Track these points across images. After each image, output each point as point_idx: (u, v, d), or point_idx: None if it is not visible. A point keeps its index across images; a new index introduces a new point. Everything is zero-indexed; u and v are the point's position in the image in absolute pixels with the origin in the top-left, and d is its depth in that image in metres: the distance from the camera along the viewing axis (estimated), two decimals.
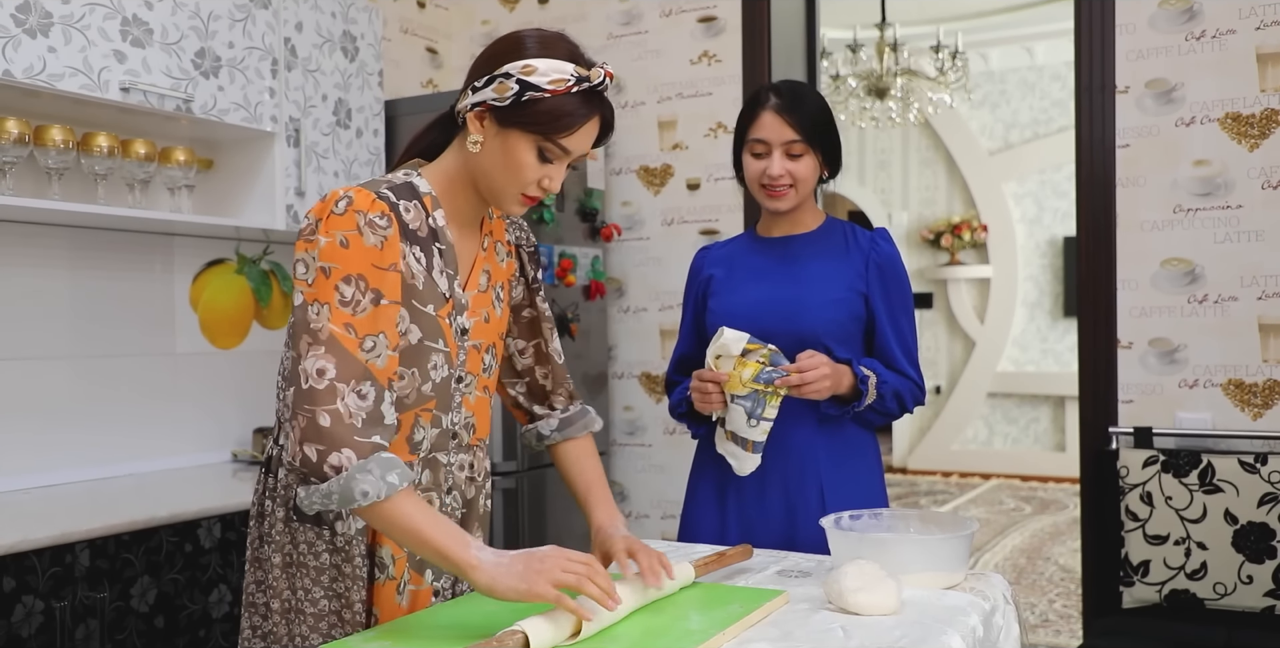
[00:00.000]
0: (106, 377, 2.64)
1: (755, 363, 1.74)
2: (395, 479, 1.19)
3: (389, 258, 1.27)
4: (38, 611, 1.91)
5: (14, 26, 2.10)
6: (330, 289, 1.23)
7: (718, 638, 1.21)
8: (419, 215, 1.34)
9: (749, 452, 1.78)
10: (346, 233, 1.24)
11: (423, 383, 1.35)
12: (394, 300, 1.27)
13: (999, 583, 1.53)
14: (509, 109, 1.30)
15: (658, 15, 3.59)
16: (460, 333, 1.39)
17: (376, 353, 1.24)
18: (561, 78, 1.29)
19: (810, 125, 1.82)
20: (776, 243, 1.94)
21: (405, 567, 1.40)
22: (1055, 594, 4.63)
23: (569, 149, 1.33)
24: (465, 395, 1.43)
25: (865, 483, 1.90)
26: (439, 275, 1.36)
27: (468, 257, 1.43)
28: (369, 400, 1.22)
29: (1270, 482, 2.57)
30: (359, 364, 1.22)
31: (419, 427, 1.37)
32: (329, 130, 2.84)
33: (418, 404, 1.36)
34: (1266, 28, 2.76)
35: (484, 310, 1.44)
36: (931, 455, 8.29)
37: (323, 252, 1.24)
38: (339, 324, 1.22)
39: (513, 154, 1.32)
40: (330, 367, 1.21)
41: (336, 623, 1.36)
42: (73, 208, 2.28)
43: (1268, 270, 2.76)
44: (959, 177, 8.24)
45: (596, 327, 3.48)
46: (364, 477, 1.18)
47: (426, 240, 1.35)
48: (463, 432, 1.45)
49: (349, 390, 1.21)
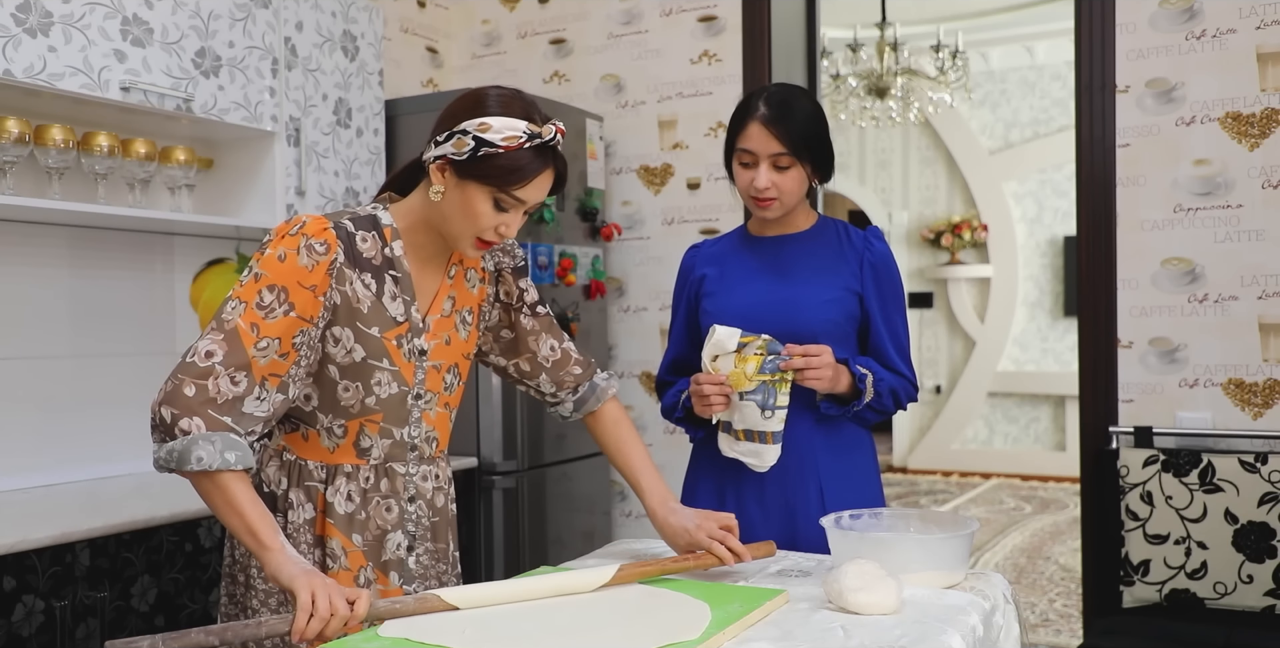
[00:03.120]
0: (106, 377, 2.64)
1: (755, 355, 1.74)
2: (231, 458, 1.32)
3: (312, 280, 1.40)
4: (38, 610, 1.91)
5: (14, 26, 2.10)
6: (253, 291, 1.38)
7: (718, 638, 1.21)
8: (375, 245, 1.47)
9: (769, 444, 1.78)
10: (288, 250, 1.40)
11: (366, 396, 1.48)
12: (301, 316, 1.39)
13: (999, 582, 1.53)
14: (466, 163, 1.40)
15: (658, 15, 3.59)
16: (418, 354, 1.51)
17: (265, 354, 1.37)
18: (514, 135, 1.39)
19: (798, 137, 1.79)
20: (769, 242, 1.94)
21: (364, 562, 1.50)
22: (1055, 594, 4.63)
23: (523, 199, 1.43)
24: (425, 411, 1.55)
25: (864, 481, 1.90)
26: (391, 301, 1.48)
27: (430, 285, 1.55)
28: (240, 388, 1.35)
29: (1270, 481, 2.57)
30: (245, 357, 1.35)
31: (365, 435, 1.50)
32: (329, 130, 2.84)
33: (362, 414, 1.49)
34: (1267, 27, 2.76)
35: (445, 333, 1.56)
36: (932, 455, 8.29)
37: (264, 260, 1.40)
38: (246, 322, 1.36)
39: (470, 204, 1.42)
40: (219, 351, 1.35)
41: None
42: (73, 207, 2.28)
43: (1268, 270, 2.76)
44: (959, 176, 8.24)
45: (596, 326, 3.48)
46: (204, 445, 1.31)
47: (380, 268, 1.47)
48: (423, 445, 1.56)
49: (225, 374, 1.34)
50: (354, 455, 1.50)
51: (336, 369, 1.46)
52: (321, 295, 1.41)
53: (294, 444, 1.51)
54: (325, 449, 1.50)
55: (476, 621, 1.29)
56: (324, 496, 1.49)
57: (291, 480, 1.50)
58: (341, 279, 1.43)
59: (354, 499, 1.50)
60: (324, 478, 1.50)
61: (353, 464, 1.50)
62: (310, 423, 1.50)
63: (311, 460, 1.50)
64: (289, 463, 1.51)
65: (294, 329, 1.39)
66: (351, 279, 1.44)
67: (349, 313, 1.45)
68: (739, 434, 1.80)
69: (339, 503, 1.49)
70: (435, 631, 1.24)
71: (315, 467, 1.50)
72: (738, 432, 1.80)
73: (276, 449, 1.53)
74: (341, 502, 1.49)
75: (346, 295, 1.44)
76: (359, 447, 1.50)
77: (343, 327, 1.45)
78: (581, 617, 1.31)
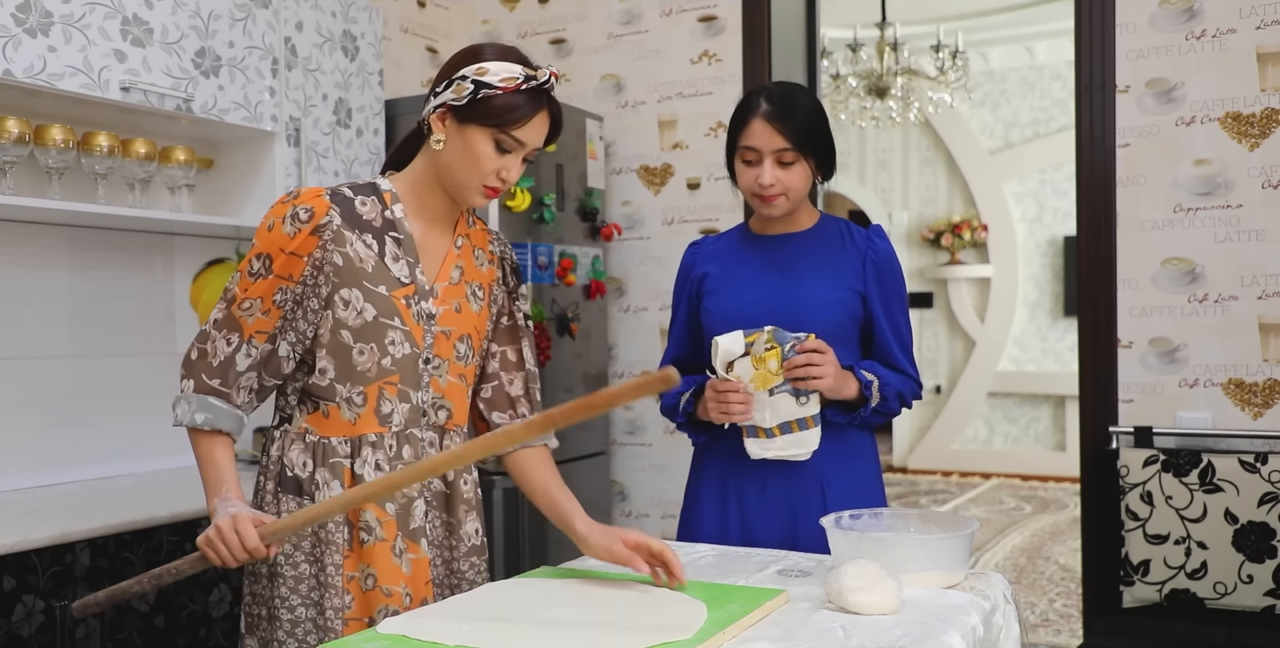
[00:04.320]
0: (106, 377, 2.64)
1: (769, 352, 1.74)
2: (199, 419, 1.49)
3: (293, 246, 1.47)
4: (38, 610, 1.91)
5: (14, 26, 2.10)
6: (247, 261, 1.50)
7: (718, 638, 1.21)
8: (375, 207, 1.53)
9: (811, 427, 1.78)
10: (275, 219, 1.49)
11: (382, 357, 1.51)
12: (280, 275, 1.48)
13: (999, 582, 1.53)
14: (466, 107, 1.46)
15: (658, 15, 3.59)
16: (426, 317, 1.54)
17: (250, 313, 1.49)
18: (511, 76, 1.46)
19: (801, 133, 1.79)
20: (771, 241, 1.93)
21: (396, 531, 1.53)
22: (1055, 594, 4.63)
23: (523, 141, 1.48)
24: (434, 377, 1.56)
25: (866, 482, 1.90)
26: (394, 261, 1.52)
27: (436, 250, 1.58)
28: (232, 347, 1.50)
29: (1270, 481, 2.57)
30: (235, 319, 1.50)
31: (385, 399, 1.53)
32: (329, 130, 2.84)
33: (380, 378, 1.52)
34: (1267, 27, 2.76)
35: (455, 301, 1.58)
36: (932, 455, 8.29)
37: (258, 230, 1.50)
38: (239, 288, 1.50)
39: (472, 147, 1.47)
40: (219, 317, 1.51)
41: (314, 585, 1.52)
42: (73, 207, 2.28)
43: (1268, 270, 2.76)
44: (959, 176, 8.24)
45: (596, 326, 3.48)
46: (183, 405, 1.50)
47: (380, 229, 1.52)
48: (431, 411, 1.57)
49: (220, 337, 1.50)
50: (376, 423, 1.52)
51: (350, 333, 1.49)
52: (305, 256, 1.47)
53: (316, 424, 1.53)
54: (347, 422, 1.52)
55: (473, 618, 1.29)
56: (350, 470, 1.51)
57: (317, 461, 1.52)
58: (340, 240, 1.48)
59: (383, 468, 1.52)
60: (349, 453, 1.52)
61: (376, 433, 1.52)
62: (329, 397, 1.52)
63: (335, 437, 1.52)
64: (312, 444, 1.53)
65: (274, 288, 1.48)
66: (351, 240, 1.49)
67: (353, 273, 1.49)
68: (774, 431, 1.78)
69: (368, 473, 1.51)
70: (433, 629, 1.25)
71: (339, 443, 1.52)
72: (771, 429, 1.78)
73: (299, 432, 1.54)
74: (370, 472, 1.51)
75: (348, 256, 1.49)
76: (380, 413, 1.52)
77: (350, 288, 1.49)
78: (578, 615, 1.31)
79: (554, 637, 1.22)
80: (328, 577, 1.50)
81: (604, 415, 3.56)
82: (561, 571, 1.57)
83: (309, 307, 1.50)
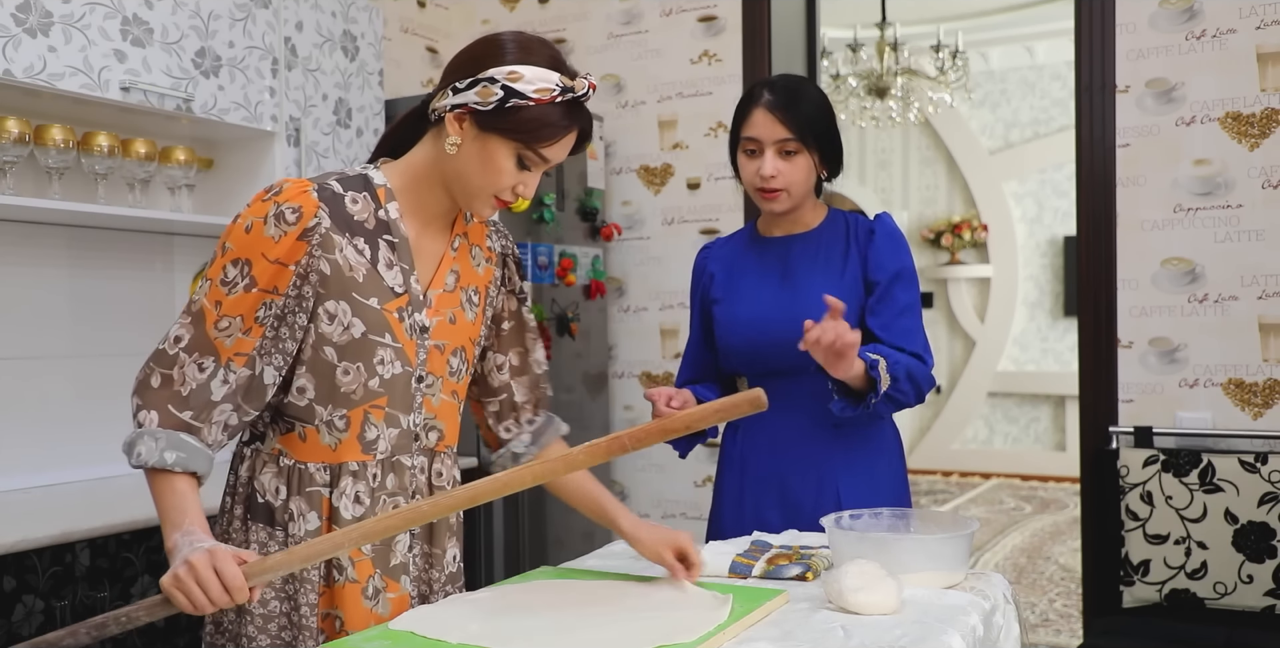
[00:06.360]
0: (106, 377, 2.64)
1: (768, 562, 1.56)
2: (170, 459, 1.25)
3: (278, 252, 1.28)
4: (38, 610, 1.91)
5: (14, 26, 2.10)
6: (219, 268, 1.29)
7: (718, 638, 1.21)
8: (367, 206, 1.35)
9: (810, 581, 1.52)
10: (255, 219, 1.29)
11: (369, 378, 1.34)
12: (265, 289, 1.28)
13: (999, 582, 1.53)
14: (491, 114, 1.29)
15: (658, 15, 3.59)
16: (419, 331, 1.38)
17: (228, 333, 1.28)
18: (547, 87, 1.29)
19: (805, 123, 1.75)
20: (775, 244, 1.90)
21: (373, 570, 1.38)
22: (1055, 594, 4.63)
23: (548, 158, 1.34)
24: (427, 397, 1.41)
25: (886, 482, 1.84)
26: (388, 269, 1.35)
27: (432, 254, 1.42)
28: (206, 374, 1.28)
29: (1270, 481, 2.57)
30: (208, 339, 1.28)
31: (370, 424, 1.36)
32: (329, 130, 2.84)
33: (365, 400, 1.35)
34: (1267, 27, 2.76)
35: (449, 311, 1.42)
36: (932, 455, 8.29)
37: (233, 231, 1.30)
38: (210, 301, 1.29)
39: (492, 160, 1.32)
40: (186, 336, 1.29)
41: (286, 625, 1.36)
42: (73, 207, 2.28)
43: (1268, 270, 2.76)
44: (959, 176, 8.24)
45: (596, 326, 3.48)
46: (148, 441, 1.26)
47: (374, 232, 1.35)
48: (424, 434, 1.42)
49: (191, 362, 1.28)
50: (359, 451, 1.36)
51: (334, 350, 1.32)
52: (292, 264, 1.28)
53: (291, 446, 1.36)
54: (326, 447, 1.35)
55: (481, 616, 1.29)
56: (329, 500, 1.36)
57: (291, 488, 1.36)
58: (328, 246, 1.30)
59: (362, 501, 1.36)
60: (328, 481, 1.36)
61: (358, 461, 1.36)
62: (307, 419, 1.35)
63: (312, 463, 1.35)
64: (287, 468, 1.36)
65: (256, 304, 1.28)
66: (341, 246, 1.31)
67: (342, 284, 1.31)
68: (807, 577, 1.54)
69: (345, 507, 1.35)
70: (441, 626, 1.25)
71: (317, 469, 1.35)
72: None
73: (272, 454, 1.37)
74: (349, 505, 1.35)
75: (337, 264, 1.31)
76: (364, 440, 1.36)
77: (337, 300, 1.31)
78: (589, 615, 1.30)
79: (558, 635, 1.22)
80: (301, 617, 1.35)
81: (604, 416, 3.57)
82: (562, 571, 1.57)
83: (295, 323, 1.31)
